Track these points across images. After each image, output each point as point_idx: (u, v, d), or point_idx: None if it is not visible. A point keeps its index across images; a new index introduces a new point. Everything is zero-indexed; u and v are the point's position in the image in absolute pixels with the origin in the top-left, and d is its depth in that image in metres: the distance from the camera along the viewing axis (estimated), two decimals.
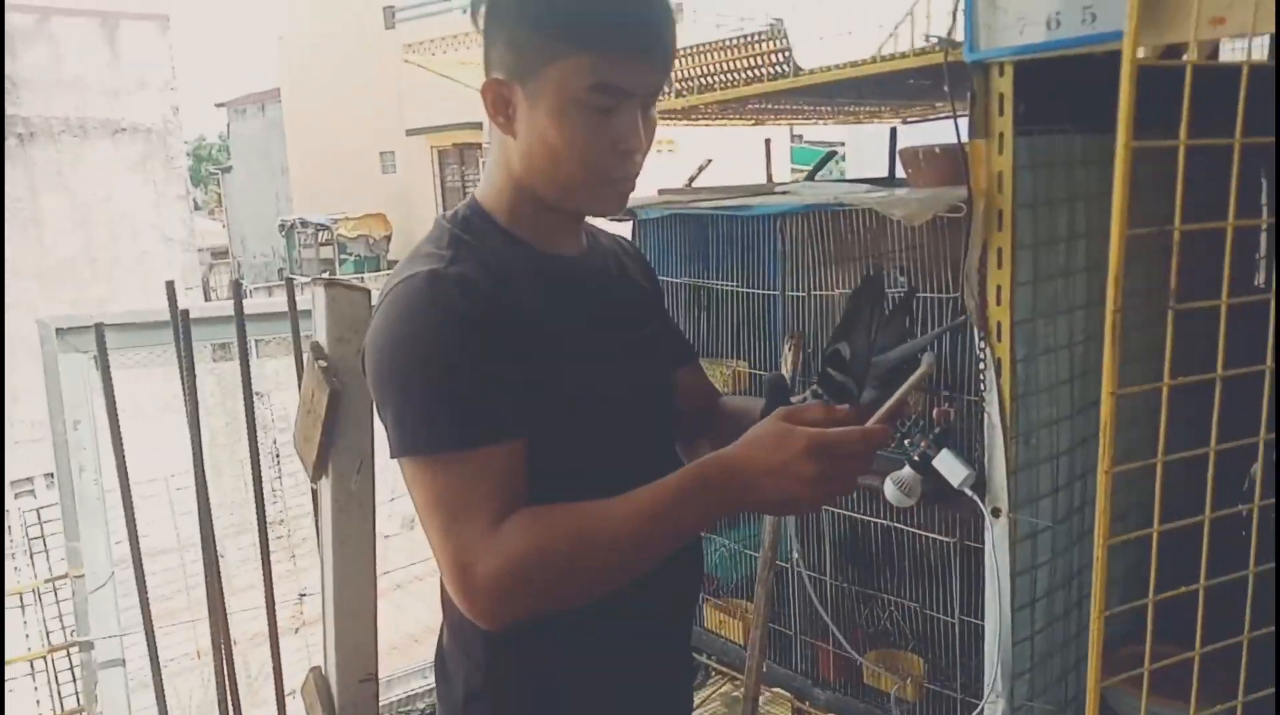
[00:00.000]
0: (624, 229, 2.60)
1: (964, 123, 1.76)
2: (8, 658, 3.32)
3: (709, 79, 2.26)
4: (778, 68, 2.07)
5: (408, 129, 17.06)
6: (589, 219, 1.24)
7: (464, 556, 0.94)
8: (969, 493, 1.84)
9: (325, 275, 14.88)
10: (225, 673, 2.37)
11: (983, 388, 1.81)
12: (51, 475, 6.19)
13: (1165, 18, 1.44)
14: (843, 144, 9.28)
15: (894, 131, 2.76)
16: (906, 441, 1.92)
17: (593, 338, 1.14)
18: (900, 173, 2.35)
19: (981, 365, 1.80)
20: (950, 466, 1.85)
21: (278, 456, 5.32)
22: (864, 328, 1.03)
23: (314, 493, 1.80)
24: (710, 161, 2.56)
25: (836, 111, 2.90)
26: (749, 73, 2.16)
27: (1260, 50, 2.67)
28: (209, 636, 2.36)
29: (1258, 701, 1.40)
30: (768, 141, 2.66)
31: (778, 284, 2.26)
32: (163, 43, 14.33)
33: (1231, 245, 1.01)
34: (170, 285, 2.06)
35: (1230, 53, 2.99)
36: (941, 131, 2.01)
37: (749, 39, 2.10)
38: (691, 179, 2.61)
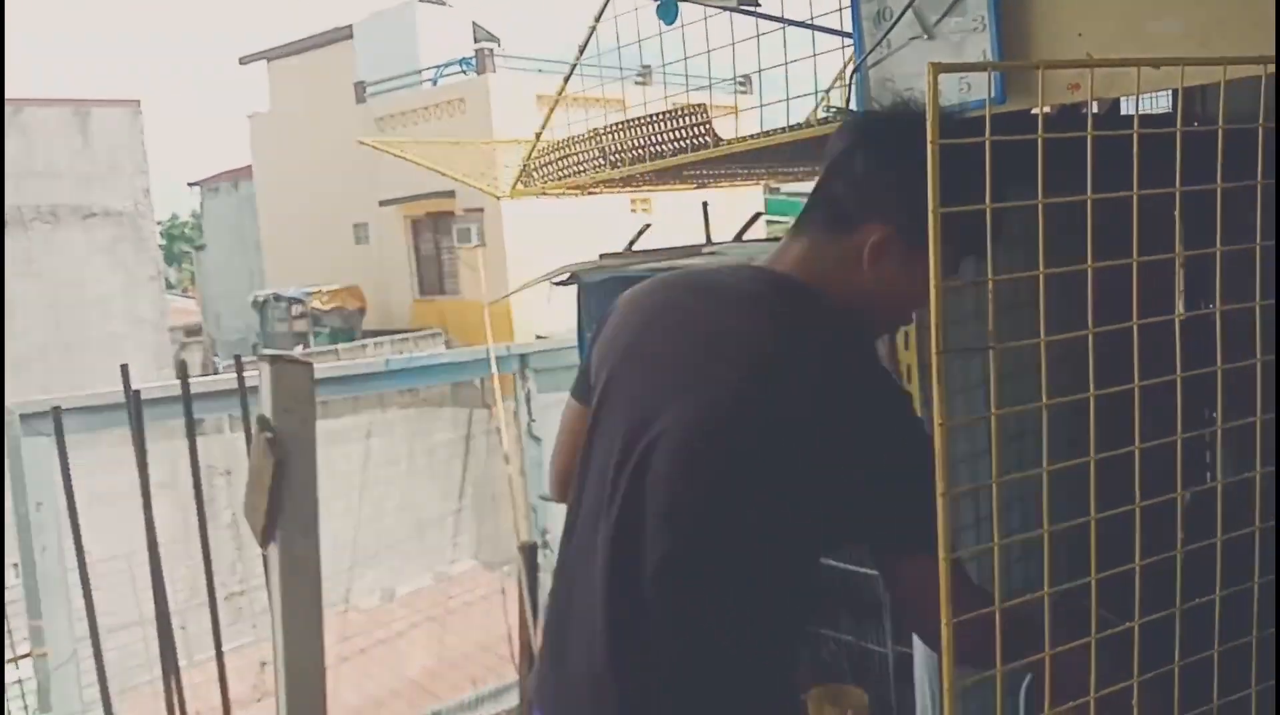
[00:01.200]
0: (569, 293, 2.72)
1: None
2: None
3: (640, 150, 2.40)
4: (700, 139, 2.21)
5: (380, 199, 17.26)
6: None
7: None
8: None
9: (300, 348, 14.95)
10: None
11: None
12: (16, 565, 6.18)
13: (1030, 86, 1.60)
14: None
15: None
16: None
17: None
18: None
19: None
20: None
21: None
22: None
23: (265, 560, 1.88)
24: (649, 226, 2.69)
25: (770, 173, 3.05)
26: (675, 143, 2.30)
27: (1156, 105, 2.85)
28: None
29: None
30: (705, 204, 2.80)
31: None
32: (134, 127, 14.56)
33: (1142, 278, 1.16)
34: (124, 368, 2.15)
35: (1151, 103, 3.18)
36: None
37: (673, 113, 2.25)
38: (631, 243, 2.75)
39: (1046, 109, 1.95)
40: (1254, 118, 1.22)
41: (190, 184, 27.31)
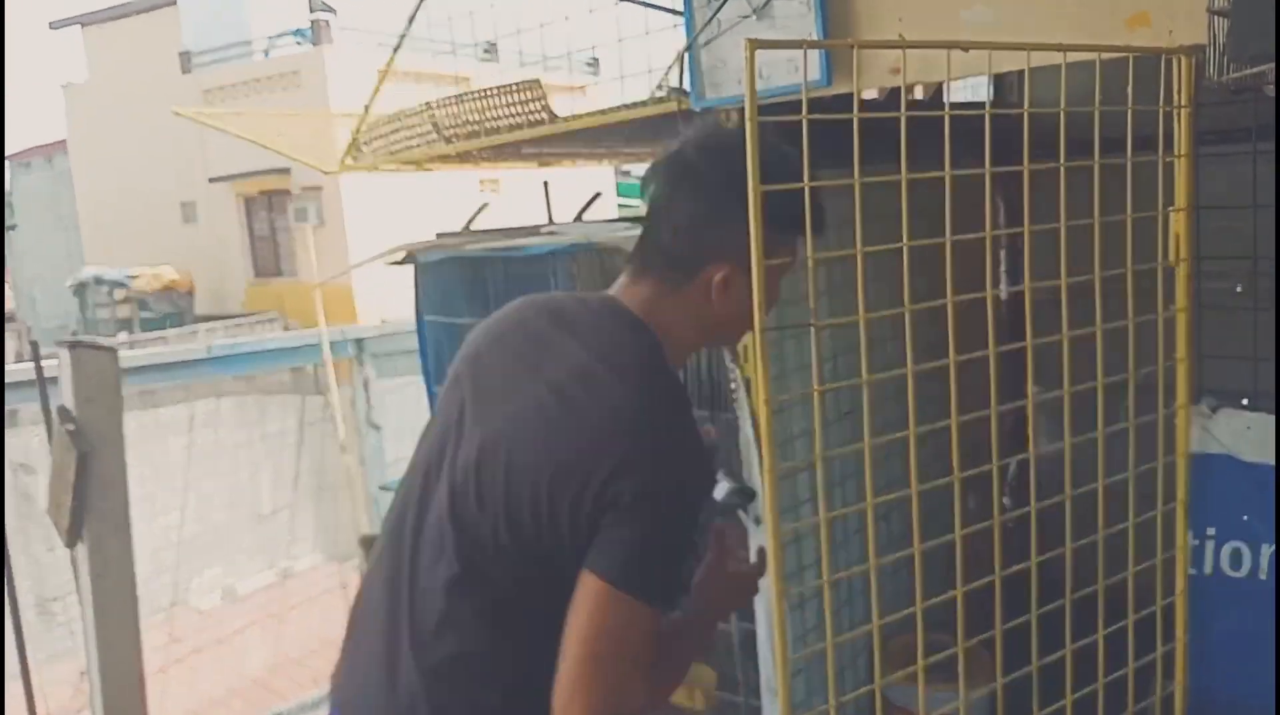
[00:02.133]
0: (405, 273, 2.64)
1: None
2: None
3: (475, 126, 2.34)
4: (536, 115, 2.17)
5: (211, 177, 16.38)
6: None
7: (626, 700, 1.08)
8: (734, 504, 1.97)
9: (124, 335, 14.06)
10: None
11: (737, 406, 1.95)
12: None
13: (850, 70, 1.64)
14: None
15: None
16: None
17: None
18: None
19: (734, 385, 1.95)
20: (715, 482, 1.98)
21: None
22: None
23: (73, 561, 1.75)
24: (486, 205, 2.64)
25: (611, 153, 3.04)
26: (511, 119, 2.26)
27: (974, 93, 2.98)
28: None
29: (1016, 681, 1.58)
30: (545, 184, 2.76)
31: None
32: None
33: (976, 257, 1.20)
34: None
35: (962, 91, 3.33)
36: None
37: (507, 89, 2.20)
38: (469, 222, 2.68)
39: (871, 93, 2.01)
40: (1055, 102, 1.28)
41: None
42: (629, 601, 1.07)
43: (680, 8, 2.18)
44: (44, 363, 2.37)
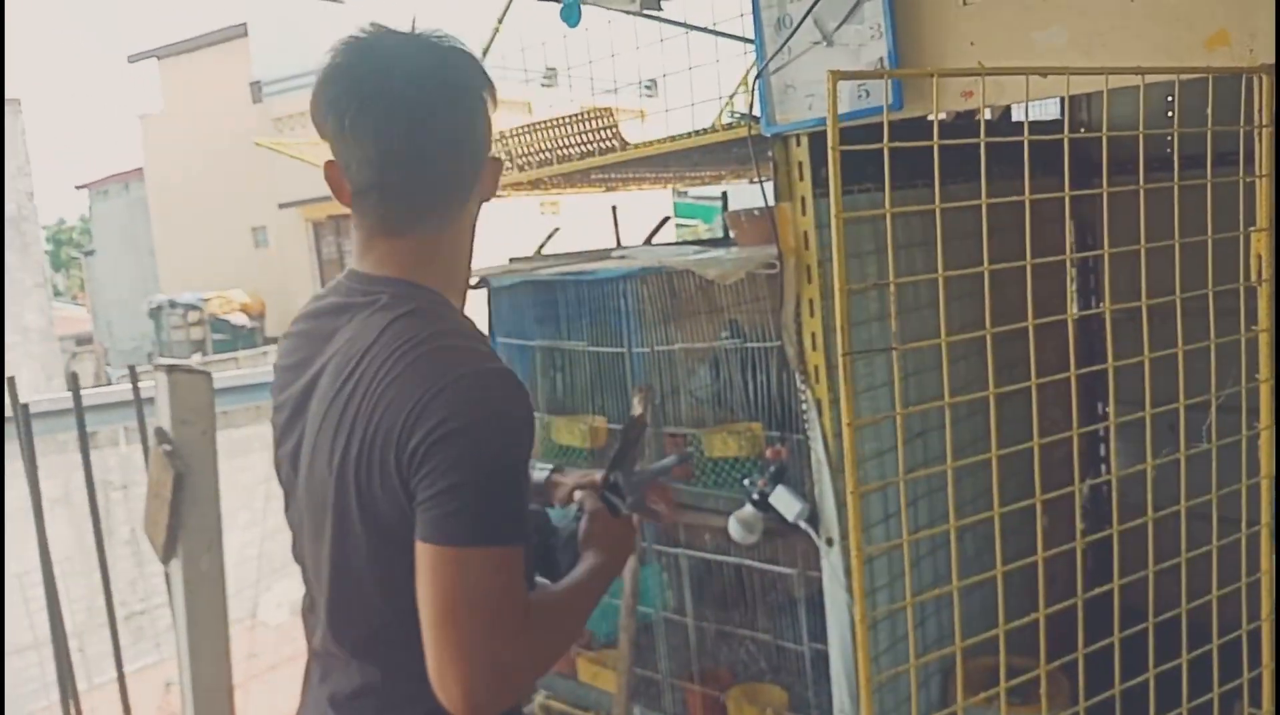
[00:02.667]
0: (478, 297, 2.70)
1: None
2: None
3: (547, 154, 2.39)
4: (608, 143, 2.22)
5: (280, 202, 16.83)
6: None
7: (503, 656, 0.99)
8: (804, 525, 1.97)
9: (198, 356, 14.47)
10: None
11: (808, 427, 1.96)
12: None
13: (927, 93, 1.65)
14: (720, 197, 9.60)
15: (725, 195, 2.96)
16: (746, 481, 2.05)
17: None
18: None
19: (805, 406, 1.95)
20: (785, 502, 1.99)
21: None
22: (628, 460, 1.46)
23: (167, 576, 1.82)
24: (558, 230, 2.69)
25: (677, 177, 3.07)
26: (583, 147, 2.30)
27: (1045, 112, 2.96)
28: None
29: (1096, 705, 1.57)
30: (614, 208, 2.81)
31: (625, 342, 2.39)
32: (15, 127, 13.89)
33: (1049, 278, 1.21)
34: (11, 380, 2.05)
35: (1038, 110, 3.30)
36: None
37: (580, 117, 2.25)
38: (541, 246, 2.73)
39: (942, 115, 2.01)
40: (1133, 125, 1.28)
41: (78, 187, 26.19)
42: (471, 554, 0.99)
43: (745, 34, 2.22)
44: (130, 385, 2.48)
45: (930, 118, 1.90)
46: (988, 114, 2.42)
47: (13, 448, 3.30)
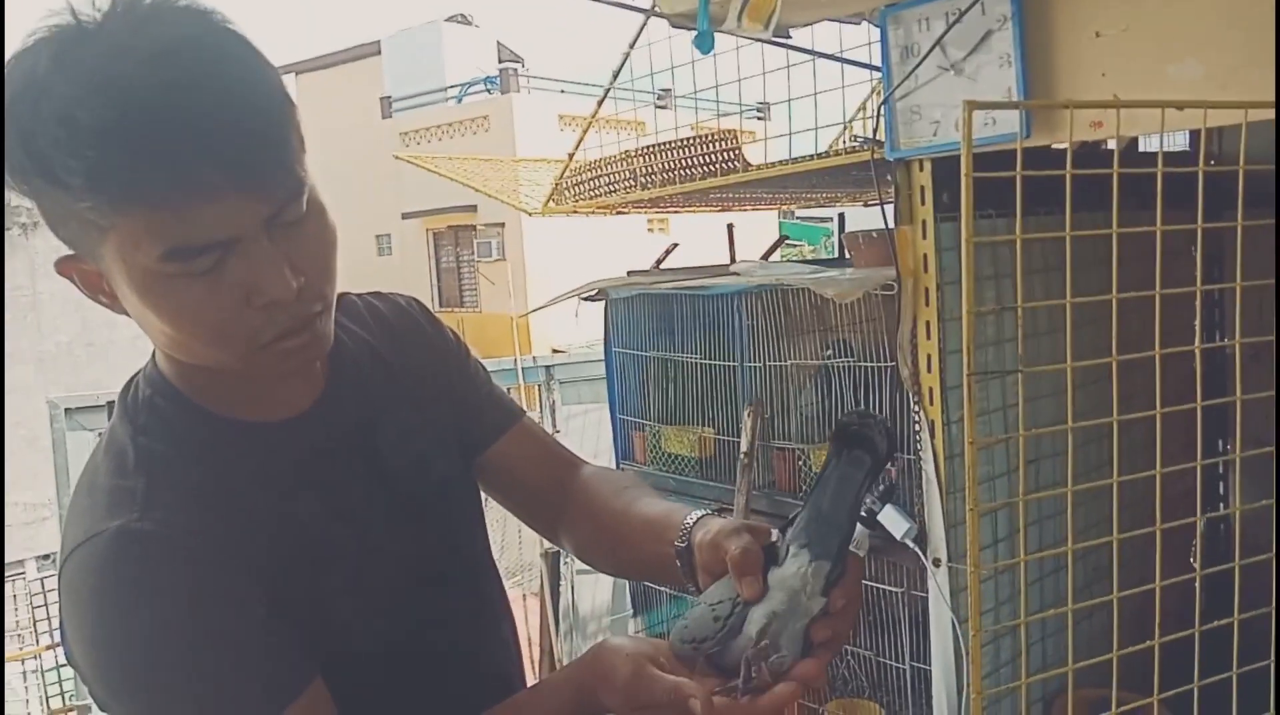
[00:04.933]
0: (596, 309, 2.80)
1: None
2: None
3: (670, 174, 2.47)
4: (730, 164, 2.29)
5: (403, 212, 17.43)
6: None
7: None
8: (911, 545, 1.99)
9: None
10: None
11: (920, 447, 1.98)
12: (47, 556, 6.27)
13: (1054, 122, 1.67)
14: (832, 218, 9.61)
15: (841, 217, 2.99)
16: None
17: (336, 522, 0.89)
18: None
19: (918, 427, 1.97)
20: (894, 521, 2.01)
21: None
22: (829, 494, 0.86)
23: None
24: (676, 245, 2.77)
25: (794, 198, 3.12)
26: (706, 168, 2.38)
27: (1174, 143, 2.90)
28: None
29: None
30: (730, 227, 2.87)
31: (737, 356, 2.45)
32: None
33: (1164, 308, 1.23)
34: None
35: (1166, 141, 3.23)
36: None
37: (704, 138, 2.32)
38: (659, 261, 2.82)
39: (1065, 144, 2.01)
40: (1269, 158, 1.28)
41: None
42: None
43: (870, 61, 2.26)
44: None
45: (1054, 146, 1.91)
46: (1110, 144, 2.40)
47: None
